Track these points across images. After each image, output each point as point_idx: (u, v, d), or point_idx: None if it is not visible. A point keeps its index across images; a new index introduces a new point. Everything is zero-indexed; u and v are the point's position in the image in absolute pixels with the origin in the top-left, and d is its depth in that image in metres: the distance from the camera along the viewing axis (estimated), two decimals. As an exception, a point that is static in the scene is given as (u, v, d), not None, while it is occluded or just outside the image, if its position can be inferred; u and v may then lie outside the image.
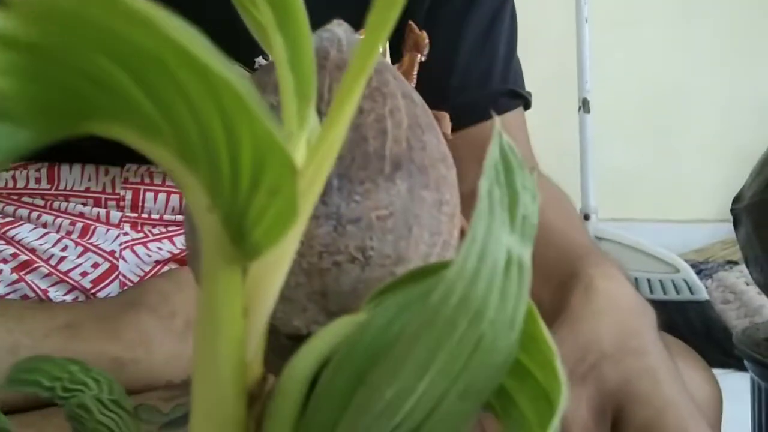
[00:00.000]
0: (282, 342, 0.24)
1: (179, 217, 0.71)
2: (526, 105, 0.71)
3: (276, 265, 0.18)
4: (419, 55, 0.36)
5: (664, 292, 1.50)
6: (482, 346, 0.18)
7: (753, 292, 1.46)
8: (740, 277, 1.51)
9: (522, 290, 0.19)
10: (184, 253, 0.70)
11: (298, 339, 0.24)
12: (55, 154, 0.70)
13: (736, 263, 1.59)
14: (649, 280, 1.52)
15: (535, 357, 0.20)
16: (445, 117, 0.32)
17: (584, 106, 1.60)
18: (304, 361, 0.21)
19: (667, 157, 2.03)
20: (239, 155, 0.14)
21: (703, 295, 1.49)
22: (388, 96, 0.25)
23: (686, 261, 1.57)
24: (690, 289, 1.49)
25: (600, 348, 0.38)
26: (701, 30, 1.97)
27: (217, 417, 0.18)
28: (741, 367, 1.16)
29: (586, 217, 1.59)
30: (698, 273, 1.55)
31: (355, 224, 0.23)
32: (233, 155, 0.14)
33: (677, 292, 1.50)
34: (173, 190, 0.71)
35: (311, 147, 0.18)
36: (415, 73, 0.37)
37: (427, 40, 0.36)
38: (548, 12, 1.85)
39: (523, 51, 0.73)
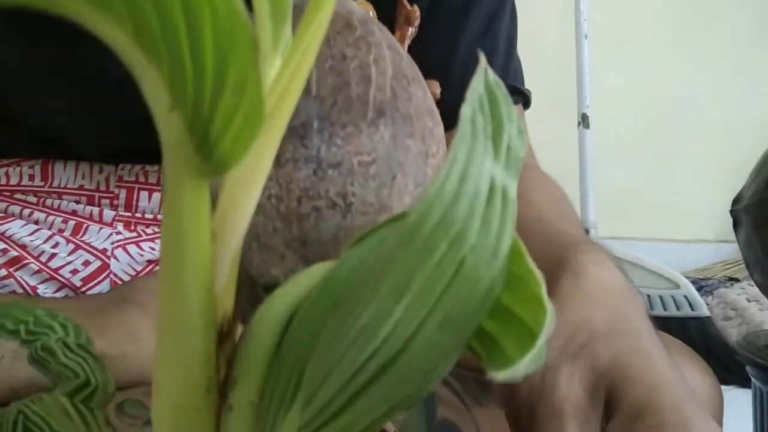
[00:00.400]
0: (259, 293, 0.23)
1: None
2: (526, 103, 0.70)
3: (246, 186, 0.17)
4: (410, 29, 0.36)
5: (665, 308, 1.49)
6: (463, 273, 0.17)
7: (754, 308, 1.45)
8: (741, 294, 1.50)
9: (506, 221, 0.18)
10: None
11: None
12: (50, 151, 0.70)
13: (737, 280, 1.58)
14: (649, 296, 1.50)
15: (521, 295, 0.19)
16: (434, 83, 0.31)
17: (584, 121, 1.60)
18: (277, 302, 0.20)
19: (667, 175, 2.02)
20: (200, 41, 0.13)
21: (704, 311, 1.47)
22: (373, 45, 0.25)
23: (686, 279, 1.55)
24: (690, 305, 1.48)
25: (591, 328, 0.37)
26: (702, 47, 1.97)
27: (184, 350, 0.17)
28: (742, 383, 1.15)
29: (586, 232, 1.58)
30: (699, 290, 1.53)
31: (336, 168, 0.22)
32: (194, 41, 0.13)
33: (678, 309, 1.49)
34: (167, 189, 0.70)
35: (283, 61, 0.17)
36: (406, 46, 0.36)
37: (418, 13, 0.36)
38: (547, 27, 1.85)
39: (521, 65, 0.73)
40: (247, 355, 0.19)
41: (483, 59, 0.20)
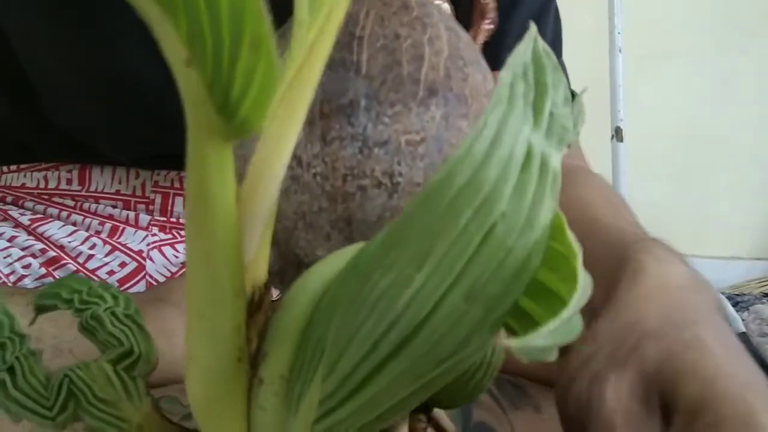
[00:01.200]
0: (304, 274, 0.23)
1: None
2: None
3: (276, 151, 0.17)
4: (484, 21, 0.36)
5: (700, 324, 1.46)
6: (492, 241, 0.16)
7: (792, 325, 1.41)
8: (778, 311, 1.47)
9: (545, 190, 0.17)
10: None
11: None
12: (86, 157, 0.70)
13: (774, 296, 1.55)
14: (683, 312, 1.47)
15: (563, 273, 0.18)
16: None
17: (617, 134, 1.59)
18: (312, 278, 0.19)
19: (700, 191, 2.00)
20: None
21: (740, 327, 1.44)
22: (429, 26, 0.24)
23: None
24: (726, 321, 1.45)
25: (642, 327, 0.34)
26: (736, 63, 1.95)
27: (212, 319, 0.17)
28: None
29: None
30: (734, 305, 1.50)
31: (382, 147, 0.22)
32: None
33: (713, 325, 1.45)
34: (202, 195, 0.70)
35: (312, 17, 0.17)
36: (481, 39, 0.36)
37: (491, 5, 0.35)
38: (581, 41, 1.84)
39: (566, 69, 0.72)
40: (278, 329, 0.19)
41: (534, 27, 0.19)
